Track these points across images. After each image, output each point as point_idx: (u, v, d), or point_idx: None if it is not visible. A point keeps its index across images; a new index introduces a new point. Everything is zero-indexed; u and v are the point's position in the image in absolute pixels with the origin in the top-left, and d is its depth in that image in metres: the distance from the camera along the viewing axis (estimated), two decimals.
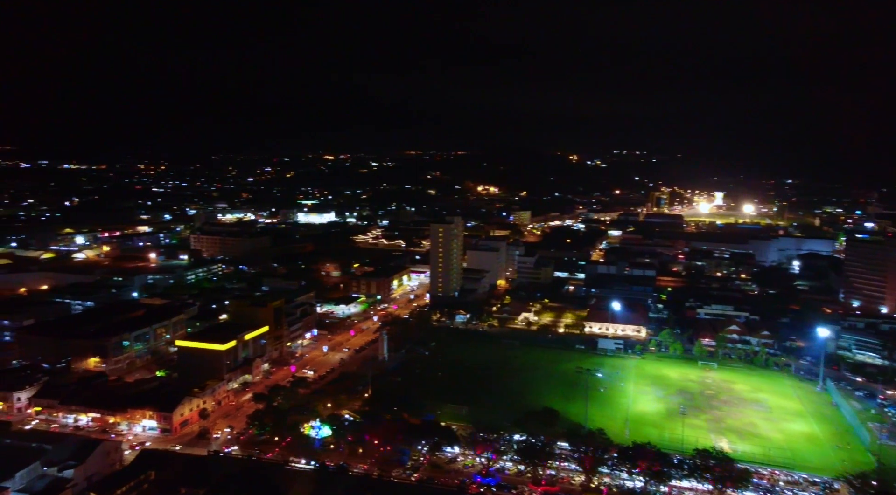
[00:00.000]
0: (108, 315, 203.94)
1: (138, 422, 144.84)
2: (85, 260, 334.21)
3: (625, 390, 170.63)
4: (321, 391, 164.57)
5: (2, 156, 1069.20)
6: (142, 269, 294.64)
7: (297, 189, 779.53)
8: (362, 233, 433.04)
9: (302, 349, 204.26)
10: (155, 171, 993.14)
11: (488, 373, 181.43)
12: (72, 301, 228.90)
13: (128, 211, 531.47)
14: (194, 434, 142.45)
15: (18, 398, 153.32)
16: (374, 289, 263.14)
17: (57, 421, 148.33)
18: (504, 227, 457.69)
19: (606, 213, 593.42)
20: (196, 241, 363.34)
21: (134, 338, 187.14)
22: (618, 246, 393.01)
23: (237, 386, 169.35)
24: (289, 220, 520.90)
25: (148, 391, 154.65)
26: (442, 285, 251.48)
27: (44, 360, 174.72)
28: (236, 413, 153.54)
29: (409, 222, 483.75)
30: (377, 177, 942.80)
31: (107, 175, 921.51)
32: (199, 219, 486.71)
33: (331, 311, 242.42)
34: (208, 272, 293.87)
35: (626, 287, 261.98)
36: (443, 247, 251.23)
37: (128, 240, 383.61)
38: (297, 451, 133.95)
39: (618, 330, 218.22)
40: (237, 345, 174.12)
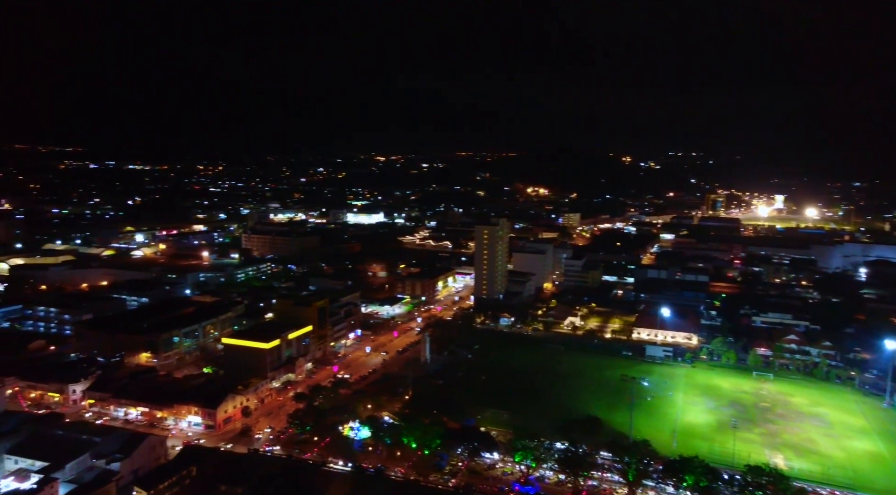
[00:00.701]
0: (161, 311, 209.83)
1: (184, 418, 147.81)
2: (142, 257, 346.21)
3: (673, 400, 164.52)
4: (362, 392, 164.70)
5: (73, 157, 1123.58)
6: (195, 267, 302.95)
7: (347, 189, 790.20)
8: (410, 233, 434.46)
9: (345, 349, 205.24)
10: (213, 172, 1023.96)
11: (531, 378, 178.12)
12: (127, 297, 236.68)
13: (185, 210, 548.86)
14: (237, 431, 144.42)
15: (74, 390, 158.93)
16: (419, 290, 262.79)
17: (108, 414, 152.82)
18: (552, 230, 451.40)
19: (659, 216, 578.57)
20: (247, 240, 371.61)
21: (183, 335, 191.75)
22: (669, 250, 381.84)
23: (280, 384, 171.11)
24: (338, 221, 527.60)
25: (194, 387, 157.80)
26: (486, 287, 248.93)
27: (99, 354, 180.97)
28: (278, 411, 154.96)
29: (456, 223, 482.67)
30: (427, 179, 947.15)
31: (168, 175, 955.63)
32: (251, 219, 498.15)
33: (375, 312, 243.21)
34: (257, 271, 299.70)
35: (678, 292, 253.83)
36: (487, 248, 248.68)
37: (184, 239, 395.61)
38: (336, 452, 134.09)
39: (667, 336, 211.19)
40: (281, 344, 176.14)
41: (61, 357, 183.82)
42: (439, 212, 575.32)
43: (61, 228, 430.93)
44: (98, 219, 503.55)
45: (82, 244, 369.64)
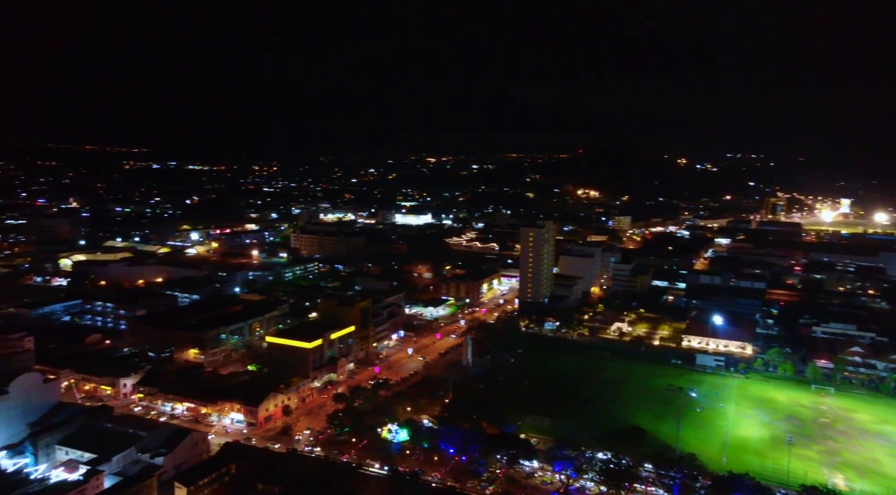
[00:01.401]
0: (209, 309, 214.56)
1: (227, 415, 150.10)
2: (195, 255, 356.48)
3: (724, 412, 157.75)
4: (402, 394, 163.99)
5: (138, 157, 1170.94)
6: (244, 266, 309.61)
7: (397, 190, 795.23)
8: (457, 235, 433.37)
9: (387, 350, 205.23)
10: (267, 172, 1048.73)
11: (575, 385, 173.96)
12: (179, 294, 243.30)
13: (239, 209, 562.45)
14: (277, 429, 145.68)
15: (124, 384, 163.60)
16: (464, 292, 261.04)
17: (156, 408, 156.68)
18: (602, 233, 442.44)
19: (714, 220, 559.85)
20: (296, 240, 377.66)
21: (230, 332, 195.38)
22: (724, 255, 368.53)
23: (321, 384, 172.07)
24: (387, 221, 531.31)
25: (238, 384, 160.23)
26: (531, 291, 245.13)
27: (150, 349, 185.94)
28: (319, 411, 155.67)
29: (504, 225, 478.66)
30: (476, 180, 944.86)
31: (225, 175, 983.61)
32: (302, 219, 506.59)
33: (419, 313, 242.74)
34: (305, 270, 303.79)
35: (732, 299, 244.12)
36: (533, 251, 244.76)
37: (236, 238, 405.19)
38: (374, 454, 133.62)
39: (719, 345, 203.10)
40: (323, 344, 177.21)
41: (115, 351, 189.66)
42: (487, 214, 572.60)
43: (123, 226, 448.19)
44: (157, 217, 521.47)
45: (140, 241, 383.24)
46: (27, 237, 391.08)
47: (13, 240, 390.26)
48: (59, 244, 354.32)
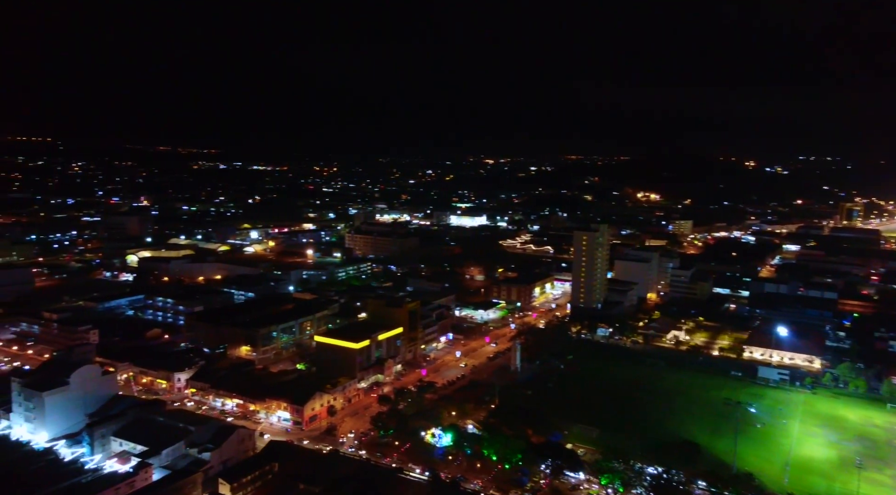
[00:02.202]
0: (262, 306, 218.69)
1: (274, 412, 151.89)
2: (253, 253, 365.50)
3: (787, 429, 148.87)
4: (448, 397, 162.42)
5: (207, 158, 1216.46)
6: (299, 265, 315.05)
7: (453, 192, 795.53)
8: (511, 237, 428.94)
9: (436, 352, 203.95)
10: (328, 173, 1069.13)
11: (626, 394, 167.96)
12: (235, 291, 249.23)
13: (298, 209, 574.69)
14: (322, 429, 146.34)
15: (179, 378, 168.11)
16: (515, 295, 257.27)
17: (207, 403, 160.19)
18: (661, 237, 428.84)
19: (783, 226, 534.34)
20: (350, 240, 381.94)
21: (281, 330, 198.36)
22: (793, 262, 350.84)
23: (368, 385, 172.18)
24: (441, 222, 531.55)
25: (286, 382, 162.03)
26: (584, 295, 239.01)
27: (205, 345, 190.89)
28: (364, 412, 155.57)
29: (559, 228, 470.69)
30: (534, 182, 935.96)
31: (287, 175, 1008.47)
32: (358, 219, 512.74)
33: (469, 316, 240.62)
34: (358, 270, 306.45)
35: (800, 309, 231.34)
36: (586, 255, 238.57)
37: (293, 237, 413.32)
38: (416, 458, 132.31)
39: (784, 357, 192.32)
40: (370, 345, 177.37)
41: (172, 346, 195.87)
42: (543, 217, 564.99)
43: (188, 224, 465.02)
44: (221, 216, 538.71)
45: (202, 239, 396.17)
46: (100, 233, 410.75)
47: (88, 236, 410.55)
48: (128, 241, 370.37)
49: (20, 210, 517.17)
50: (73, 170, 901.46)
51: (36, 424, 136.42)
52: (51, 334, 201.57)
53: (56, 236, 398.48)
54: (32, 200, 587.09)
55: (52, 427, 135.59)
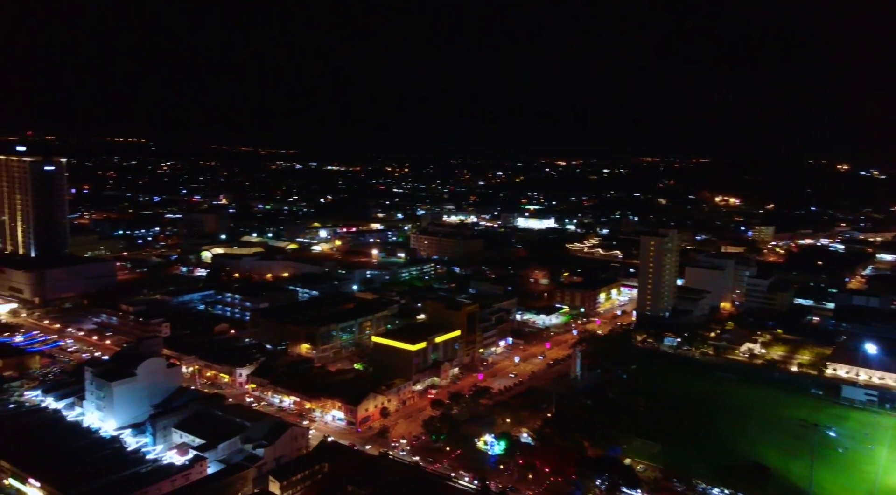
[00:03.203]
0: (324, 305, 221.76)
1: (329, 411, 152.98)
2: (320, 252, 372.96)
3: (873, 455, 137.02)
4: (504, 404, 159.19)
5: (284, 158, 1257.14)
6: (364, 264, 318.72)
7: (522, 193, 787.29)
8: (579, 241, 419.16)
9: (494, 357, 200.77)
10: (399, 174, 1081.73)
11: (692, 409, 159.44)
12: (300, 289, 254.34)
13: (367, 209, 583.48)
14: (375, 430, 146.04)
15: (240, 373, 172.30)
16: (579, 300, 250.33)
17: (266, 399, 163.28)
18: (739, 243, 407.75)
19: (878, 233, 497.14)
20: (415, 241, 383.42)
21: (340, 329, 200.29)
22: (887, 273, 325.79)
23: (423, 387, 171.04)
24: (508, 224, 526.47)
25: (342, 382, 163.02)
26: (651, 303, 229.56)
27: (268, 341, 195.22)
28: (417, 415, 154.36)
29: (630, 232, 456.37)
30: (606, 185, 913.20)
31: (359, 176, 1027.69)
32: (425, 220, 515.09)
33: (531, 320, 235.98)
34: (421, 271, 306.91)
35: (892, 324, 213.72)
36: (654, 261, 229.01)
37: (360, 236, 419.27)
38: (467, 465, 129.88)
39: (873, 377, 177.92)
40: (427, 347, 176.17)
41: (237, 341, 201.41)
42: (613, 220, 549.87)
43: (261, 222, 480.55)
44: (293, 214, 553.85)
45: (273, 237, 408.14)
46: (180, 230, 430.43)
47: (169, 232, 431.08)
48: (204, 237, 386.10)
49: (111, 206, 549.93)
50: (162, 169, 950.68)
51: (106, 412, 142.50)
52: (127, 326, 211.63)
53: (141, 232, 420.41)
54: (123, 197, 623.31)
55: (120, 416, 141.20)
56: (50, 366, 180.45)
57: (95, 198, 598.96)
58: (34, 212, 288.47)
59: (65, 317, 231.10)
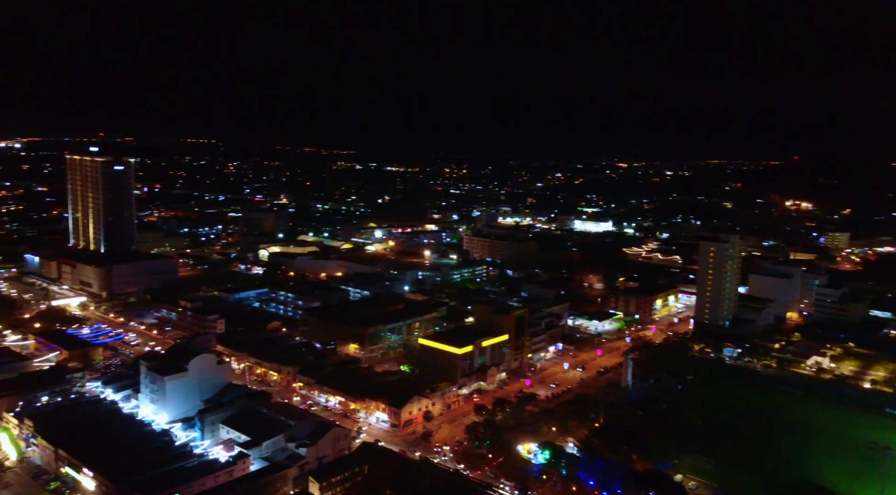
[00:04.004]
0: (374, 305, 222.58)
1: (373, 413, 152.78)
2: (374, 252, 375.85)
3: None
4: (550, 411, 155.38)
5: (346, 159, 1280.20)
6: (416, 265, 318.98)
7: (581, 196, 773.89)
8: (637, 245, 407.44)
9: (543, 362, 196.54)
10: (457, 175, 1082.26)
11: (752, 424, 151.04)
12: (352, 289, 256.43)
13: (423, 209, 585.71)
14: (418, 434, 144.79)
15: (288, 372, 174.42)
16: (634, 306, 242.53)
17: (312, 398, 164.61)
18: (809, 250, 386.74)
19: None
20: (468, 242, 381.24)
21: (389, 330, 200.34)
22: None
23: (469, 392, 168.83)
24: (565, 227, 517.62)
25: (387, 383, 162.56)
26: (709, 311, 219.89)
27: (317, 340, 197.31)
28: (462, 420, 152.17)
29: (691, 236, 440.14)
30: (668, 187, 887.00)
31: (417, 177, 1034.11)
32: (480, 221, 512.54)
33: (583, 325, 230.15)
34: (473, 273, 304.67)
35: None
36: (713, 268, 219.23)
37: (414, 237, 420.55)
38: (510, 473, 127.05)
39: None
40: (474, 351, 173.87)
41: (288, 339, 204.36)
42: (674, 224, 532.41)
43: (319, 222, 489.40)
44: (350, 214, 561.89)
45: (328, 237, 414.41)
46: (240, 228, 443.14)
47: (231, 230, 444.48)
48: (262, 236, 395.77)
49: (179, 205, 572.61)
50: (229, 169, 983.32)
51: (159, 406, 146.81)
52: (185, 321, 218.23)
53: (204, 230, 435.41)
54: (191, 196, 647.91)
55: (172, 410, 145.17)
56: (112, 358, 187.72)
57: (165, 197, 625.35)
58: (104, 210, 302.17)
59: (129, 311, 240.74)
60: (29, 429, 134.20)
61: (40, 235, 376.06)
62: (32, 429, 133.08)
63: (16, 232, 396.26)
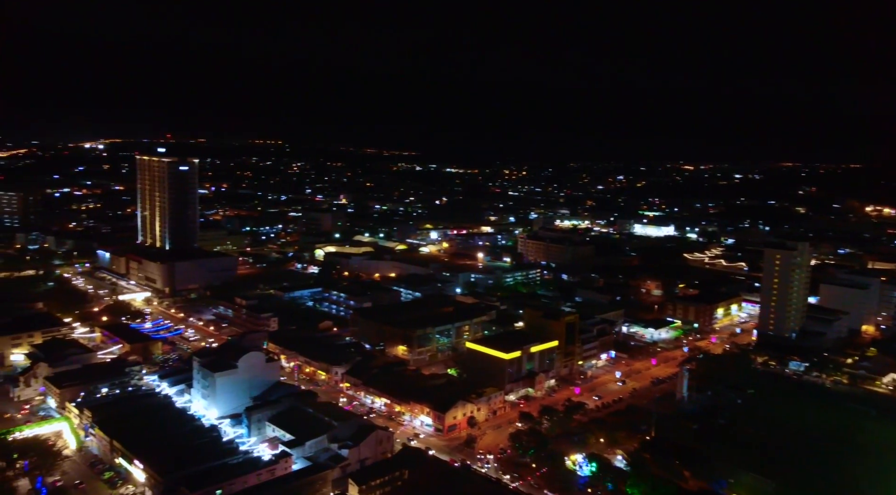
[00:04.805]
0: (424, 307, 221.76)
1: (417, 416, 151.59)
2: (427, 253, 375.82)
3: None
4: (599, 421, 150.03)
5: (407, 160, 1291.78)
6: (469, 267, 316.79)
7: (643, 199, 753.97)
8: (699, 250, 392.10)
9: (594, 370, 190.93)
10: (517, 177, 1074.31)
11: (818, 444, 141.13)
12: (403, 290, 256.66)
13: (480, 211, 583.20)
14: (461, 440, 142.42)
15: (336, 372, 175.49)
16: (693, 315, 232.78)
17: (358, 399, 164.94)
18: (890, 259, 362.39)
19: None
20: (522, 245, 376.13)
21: (437, 333, 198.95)
22: None
23: (516, 398, 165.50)
24: (624, 231, 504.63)
25: (433, 387, 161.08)
26: (774, 322, 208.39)
27: (367, 341, 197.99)
28: (507, 427, 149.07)
29: (759, 243, 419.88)
30: (736, 191, 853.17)
31: (476, 178, 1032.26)
32: (537, 224, 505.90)
33: (638, 333, 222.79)
34: (526, 276, 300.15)
35: None
36: (779, 276, 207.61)
37: (469, 239, 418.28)
38: (554, 485, 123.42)
39: None
40: (522, 356, 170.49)
41: (338, 339, 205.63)
42: (741, 229, 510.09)
43: (377, 222, 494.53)
44: (407, 215, 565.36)
45: (384, 237, 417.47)
46: (299, 228, 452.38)
47: (290, 230, 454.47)
48: (320, 235, 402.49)
49: (243, 204, 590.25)
50: (293, 169, 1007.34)
51: (209, 401, 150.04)
52: (240, 318, 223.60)
53: (265, 229, 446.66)
54: (255, 196, 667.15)
55: (222, 406, 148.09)
56: (170, 353, 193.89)
57: (231, 196, 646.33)
58: (169, 208, 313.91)
59: (189, 307, 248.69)
60: (88, 420, 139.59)
61: (113, 232, 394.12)
62: (91, 420, 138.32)
63: (92, 228, 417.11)
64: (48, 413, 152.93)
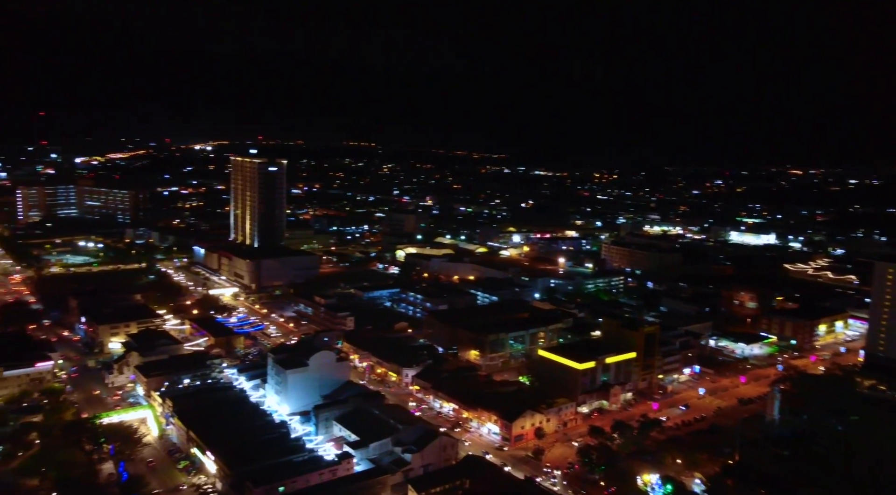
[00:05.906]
0: (499, 312, 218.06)
1: (485, 423, 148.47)
2: (508, 257, 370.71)
3: None
4: (678, 440, 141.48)
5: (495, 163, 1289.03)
6: (549, 272, 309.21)
7: (742, 205, 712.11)
8: (803, 261, 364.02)
9: (675, 385, 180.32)
10: (607, 180, 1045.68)
11: None
12: (480, 293, 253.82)
13: (566, 215, 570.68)
14: (528, 450, 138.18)
15: (407, 374, 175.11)
16: (791, 330, 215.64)
17: (427, 403, 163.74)
18: None
19: None
20: (606, 251, 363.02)
21: (511, 339, 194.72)
22: None
23: (589, 410, 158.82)
24: (719, 239, 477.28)
25: (502, 394, 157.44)
26: (885, 343, 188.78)
27: (440, 344, 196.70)
28: (577, 440, 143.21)
29: (873, 254, 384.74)
30: (850, 197, 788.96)
31: (565, 182, 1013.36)
32: (623, 229, 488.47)
33: (727, 348, 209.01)
34: (608, 284, 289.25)
35: None
36: (892, 292, 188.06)
37: (552, 243, 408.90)
38: None
39: None
40: (596, 367, 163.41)
41: (412, 341, 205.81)
42: (853, 239, 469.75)
43: (460, 224, 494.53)
44: (491, 218, 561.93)
45: (465, 240, 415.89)
46: (383, 228, 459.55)
47: (375, 230, 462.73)
48: (402, 236, 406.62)
49: (333, 204, 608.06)
50: (383, 171, 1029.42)
51: (281, 397, 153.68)
52: (319, 316, 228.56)
53: (351, 229, 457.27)
54: (344, 196, 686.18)
55: (293, 402, 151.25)
56: (251, 347, 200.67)
57: (322, 196, 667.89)
58: (258, 207, 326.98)
59: (272, 304, 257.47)
60: (169, 409, 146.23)
61: (211, 229, 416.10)
62: (172, 409, 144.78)
63: (192, 225, 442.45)
64: (136, 400, 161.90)
